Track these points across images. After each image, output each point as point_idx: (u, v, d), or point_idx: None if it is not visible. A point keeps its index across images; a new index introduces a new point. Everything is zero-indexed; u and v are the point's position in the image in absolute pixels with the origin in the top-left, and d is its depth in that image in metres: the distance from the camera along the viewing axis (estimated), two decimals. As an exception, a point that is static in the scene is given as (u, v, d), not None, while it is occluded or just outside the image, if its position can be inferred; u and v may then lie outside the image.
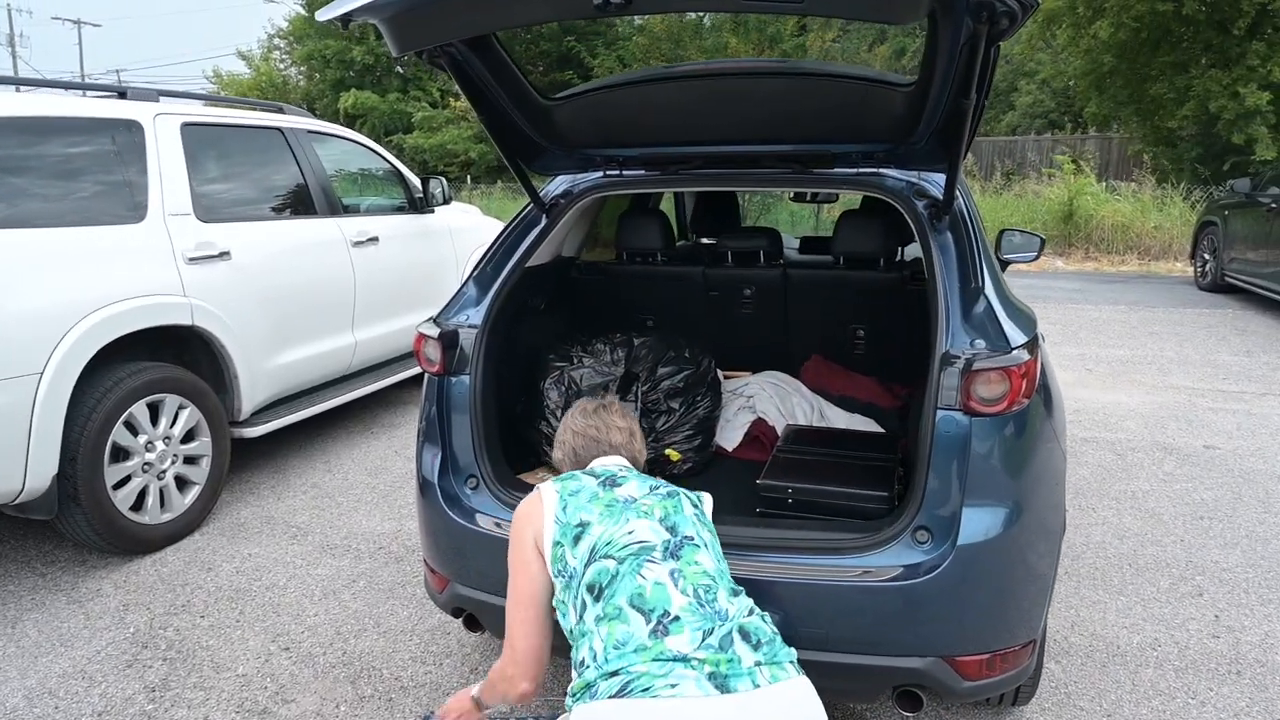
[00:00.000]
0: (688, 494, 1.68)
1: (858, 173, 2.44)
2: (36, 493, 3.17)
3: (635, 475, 1.68)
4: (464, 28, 1.77)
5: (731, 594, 1.42)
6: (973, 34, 1.69)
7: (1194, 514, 3.95)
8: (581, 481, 1.61)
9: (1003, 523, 1.96)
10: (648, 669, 1.28)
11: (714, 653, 1.31)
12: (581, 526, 1.49)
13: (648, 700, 1.24)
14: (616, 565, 1.41)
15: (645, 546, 1.42)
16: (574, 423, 1.88)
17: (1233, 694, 2.65)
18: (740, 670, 1.30)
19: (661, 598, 1.36)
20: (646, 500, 1.53)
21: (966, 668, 2.00)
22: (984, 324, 2.03)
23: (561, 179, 2.76)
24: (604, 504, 1.52)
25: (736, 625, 1.35)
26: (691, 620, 1.34)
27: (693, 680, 1.26)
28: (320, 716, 2.58)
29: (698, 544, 1.45)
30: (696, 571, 1.39)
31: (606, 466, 1.74)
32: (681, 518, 1.52)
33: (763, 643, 1.36)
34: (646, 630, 1.32)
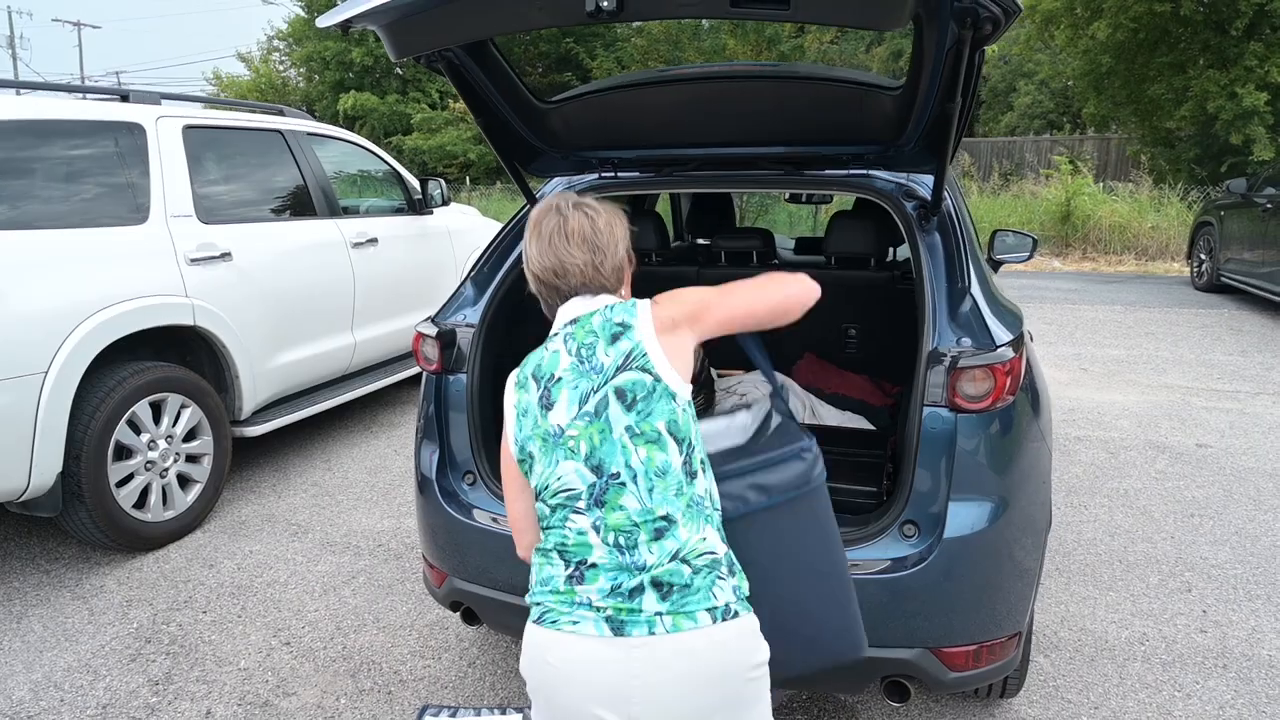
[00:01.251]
0: (620, 388, 1.44)
1: (848, 174, 2.49)
2: (41, 490, 3.22)
3: (568, 379, 1.47)
4: (461, 34, 1.82)
5: (653, 535, 1.39)
6: (957, 39, 1.74)
7: (1185, 511, 4.00)
8: (529, 394, 1.51)
9: (988, 517, 2.00)
10: (556, 605, 1.40)
11: (619, 601, 1.36)
12: (530, 458, 1.49)
13: (551, 631, 1.39)
14: (550, 513, 1.46)
15: (572, 495, 1.43)
16: (532, 252, 1.59)
17: (1219, 687, 2.70)
18: (639, 619, 1.35)
19: (582, 547, 1.41)
20: (573, 430, 1.44)
21: (953, 659, 2.04)
22: (970, 322, 2.07)
23: (558, 181, 2.80)
24: (541, 436, 1.46)
25: (650, 577, 1.37)
26: (607, 570, 1.39)
27: (591, 621, 1.36)
28: (320, 709, 2.62)
29: (623, 482, 1.40)
30: (619, 518, 1.40)
31: (557, 336, 1.55)
32: (609, 446, 1.42)
33: (675, 590, 1.37)
34: (564, 575, 1.41)
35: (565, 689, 1.38)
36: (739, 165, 2.60)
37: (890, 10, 1.56)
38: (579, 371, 1.47)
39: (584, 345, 1.49)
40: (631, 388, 1.44)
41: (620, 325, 1.49)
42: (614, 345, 1.47)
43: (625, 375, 1.45)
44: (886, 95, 2.21)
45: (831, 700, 2.63)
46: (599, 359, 1.47)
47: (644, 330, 1.48)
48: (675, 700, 1.35)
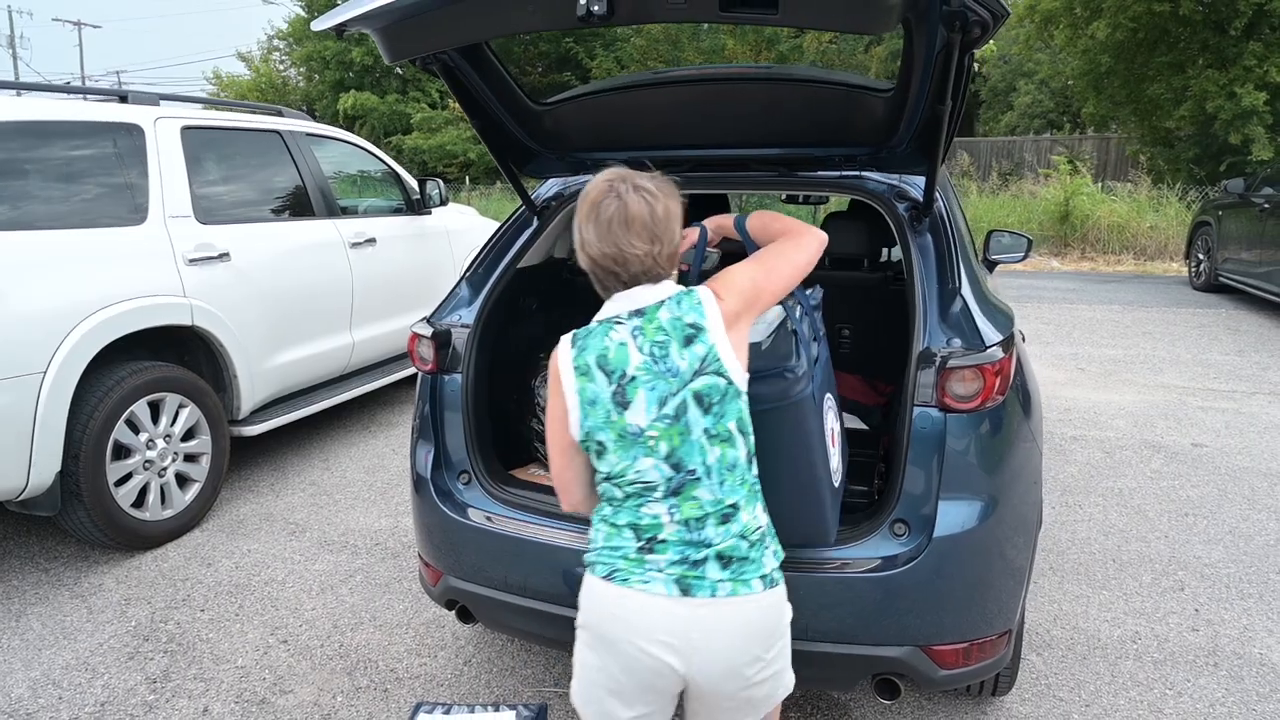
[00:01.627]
0: (698, 392, 1.52)
1: (841, 176, 2.50)
2: (40, 489, 3.23)
3: (643, 379, 1.51)
4: (454, 37, 1.84)
5: (720, 521, 1.53)
6: (946, 42, 1.76)
7: (1179, 511, 4.01)
8: (596, 386, 1.53)
9: (978, 516, 2.02)
10: (627, 568, 1.54)
11: (686, 569, 1.51)
12: (601, 445, 1.56)
13: (623, 588, 1.52)
14: (624, 498, 1.56)
15: (649, 487, 1.54)
16: (589, 236, 1.58)
17: (1209, 685, 2.71)
18: (704, 583, 1.51)
19: (655, 526, 1.54)
20: (653, 431, 1.51)
21: (943, 657, 2.06)
22: (960, 323, 2.09)
23: (553, 182, 2.82)
24: (617, 432, 1.53)
25: (715, 551, 1.52)
26: (676, 545, 1.53)
27: (661, 581, 1.51)
28: (317, 707, 2.64)
29: (698, 477, 1.52)
30: (692, 507, 1.53)
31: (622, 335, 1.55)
32: (688, 447, 1.52)
33: (735, 561, 1.53)
34: (635, 547, 1.54)
35: (635, 638, 1.52)
36: (733, 167, 2.62)
37: (877, 14, 1.57)
38: (654, 372, 1.52)
39: (656, 344, 1.53)
40: (708, 392, 1.52)
41: (692, 328, 1.53)
42: (688, 349, 1.52)
43: (702, 380, 1.52)
44: (878, 97, 2.22)
45: (825, 699, 2.65)
46: (674, 362, 1.52)
47: (715, 332, 1.54)
48: (727, 651, 1.52)
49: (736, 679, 1.55)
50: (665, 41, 16.94)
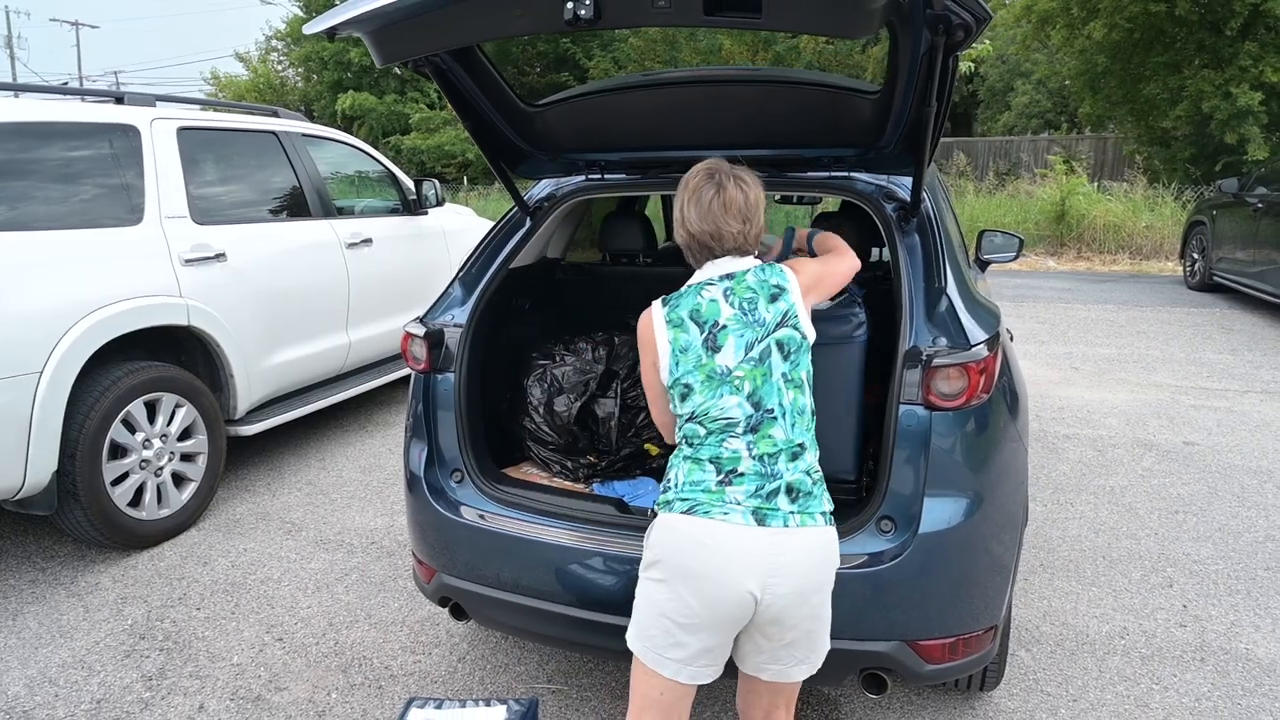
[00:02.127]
0: (787, 341, 1.77)
1: (830, 176, 2.53)
2: (36, 489, 3.26)
3: (735, 327, 1.76)
4: (444, 41, 1.86)
5: (790, 458, 1.73)
6: (931, 45, 1.78)
7: (1169, 508, 4.04)
8: (689, 335, 1.77)
9: (963, 512, 2.04)
10: (707, 500, 1.70)
11: (760, 501, 1.69)
12: (687, 388, 1.77)
13: (705, 520, 1.68)
14: (707, 434, 1.75)
15: (731, 423, 1.73)
16: (690, 215, 1.85)
17: (1196, 680, 2.74)
18: (776, 514, 1.69)
19: (734, 460, 1.72)
20: (739, 371, 1.74)
21: (930, 651, 2.08)
22: (945, 322, 2.11)
23: (545, 182, 2.84)
24: (705, 373, 1.75)
25: (785, 484, 1.71)
26: (752, 478, 1.71)
27: (739, 513, 1.68)
28: (312, 704, 2.67)
29: (778, 417, 1.73)
30: (768, 443, 1.72)
31: (720, 282, 1.82)
32: (769, 387, 1.74)
33: (801, 496, 1.72)
34: (716, 479, 1.72)
35: (717, 565, 1.66)
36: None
37: (859, 19, 1.60)
38: (743, 322, 1.77)
39: (745, 300, 1.78)
40: (788, 341, 1.78)
41: (777, 288, 1.81)
42: (773, 304, 1.79)
43: (783, 330, 1.78)
44: (865, 99, 2.25)
45: (815, 695, 2.67)
46: (761, 313, 1.78)
47: (795, 294, 1.82)
48: (798, 576, 1.68)
49: (804, 605, 1.70)
50: (663, 42, 16.96)
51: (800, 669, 1.78)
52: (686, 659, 1.71)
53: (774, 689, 1.83)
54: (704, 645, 1.70)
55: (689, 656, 1.71)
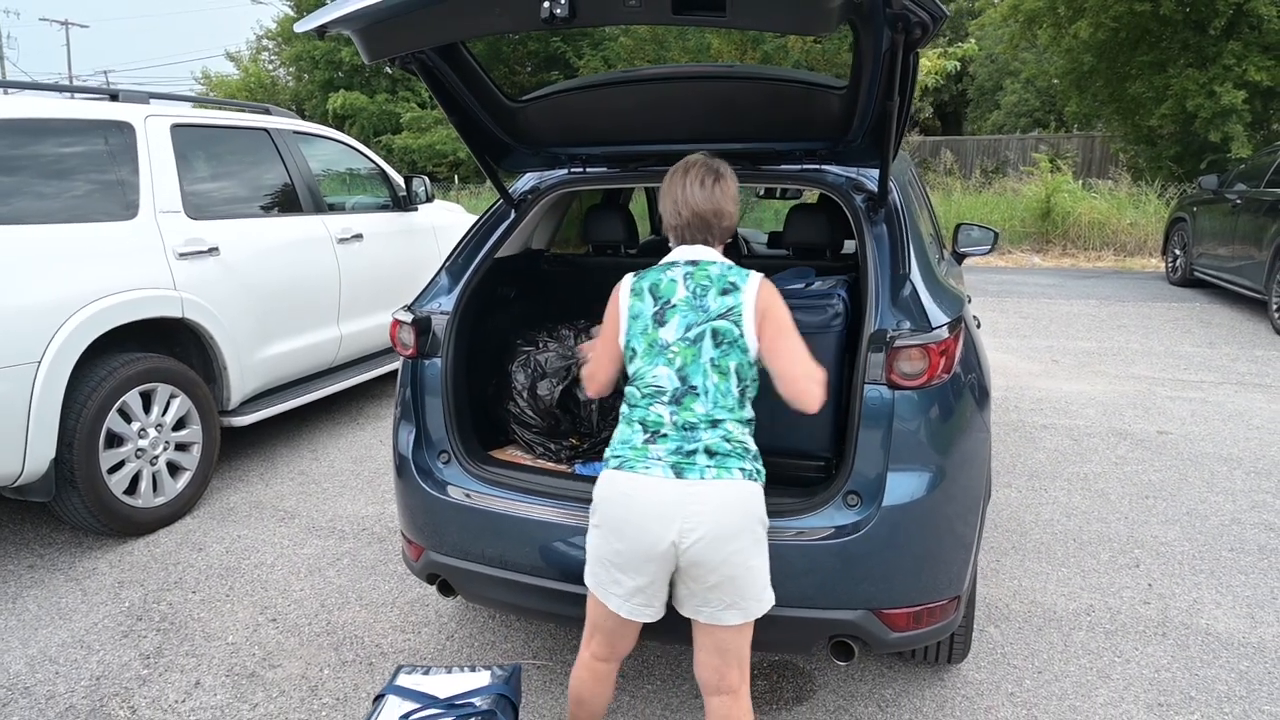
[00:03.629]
0: (721, 330, 1.92)
1: (802, 169, 2.63)
2: (35, 476, 3.34)
3: (681, 309, 1.95)
4: (428, 38, 1.96)
5: (710, 426, 1.91)
6: (892, 42, 1.88)
7: (1140, 494, 4.16)
8: (644, 305, 1.98)
9: (925, 486, 2.15)
10: (634, 456, 1.91)
11: (680, 458, 1.88)
12: (633, 352, 1.99)
13: (631, 474, 1.89)
14: (640, 398, 1.96)
15: (659, 390, 1.94)
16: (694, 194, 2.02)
17: (1156, 653, 2.85)
18: (694, 469, 1.87)
19: (658, 423, 1.92)
20: (675, 347, 1.94)
21: (895, 620, 2.19)
22: (909, 305, 2.22)
23: (529, 176, 2.94)
24: (648, 342, 1.97)
25: (704, 445, 1.89)
26: (673, 439, 1.90)
27: (660, 468, 1.88)
28: (305, 679, 2.76)
29: (699, 394, 1.92)
30: (689, 414, 1.91)
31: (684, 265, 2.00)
32: (696, 366, 1.92)
33: (719, 455, 1.89)
34: (642, 438, 1.93)
35: (637, 512, 1.87)
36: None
37: (818, 17, 1.69)
38: (691, 305, 1.95)
39: (700, 287, 1.96)
40: (725, 332, 1.93)
41: (732, 285, 1.95)
42: (722, 297, 1.94)
43: (723, 321, 1.93)
44: (833, 94, 2.35)
45: (791, 667, 2.78)
46: (708, 302, 1.94)
47: (747, 296, 1.94)
48: (710, 522, 1.83)
49: (720, 549, 1.84)
50: (652, 41, 17.07)
51: (730, 614, 1.90)
52: (624, 595, 1.93)
53: (717, 643, 1.94)
54: (636, 584, 1.91)
55: (626, 593, 1.93)
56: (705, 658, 1.97)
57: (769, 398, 2.47)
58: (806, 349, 1.95)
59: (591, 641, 2.05)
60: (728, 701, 1.96)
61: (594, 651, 2.05)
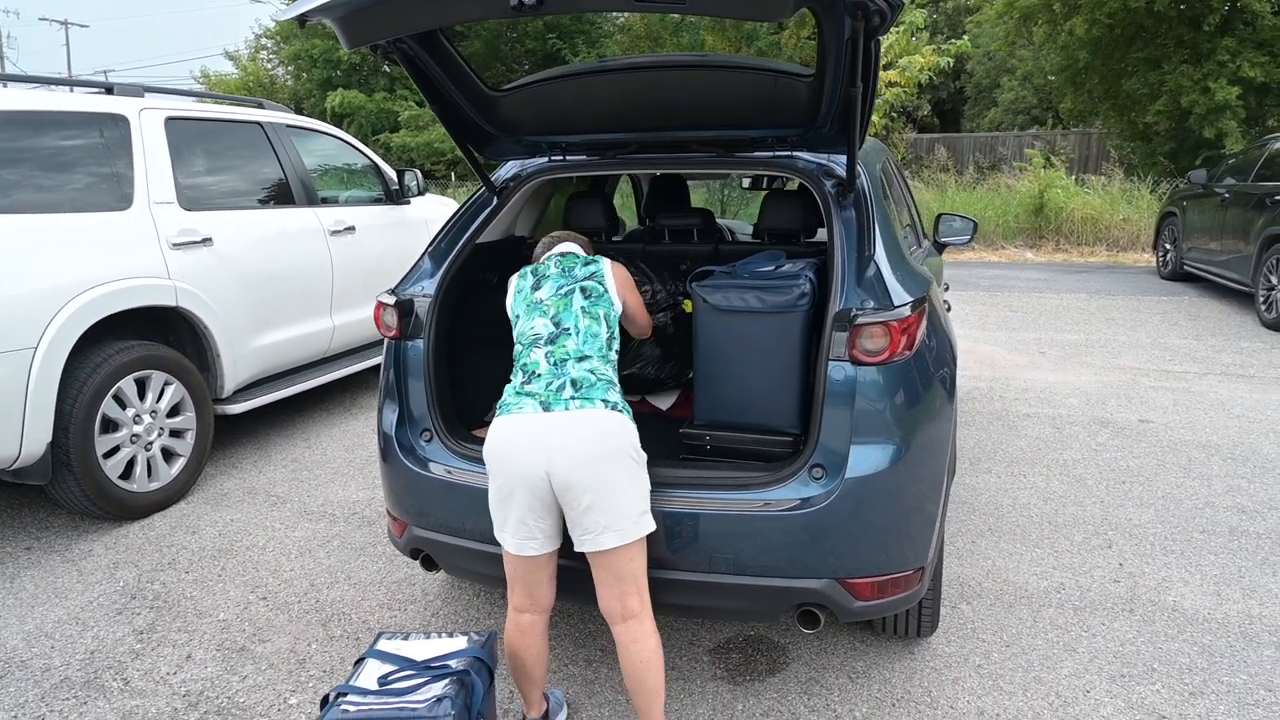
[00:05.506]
0: (587, 287, 2.32)
1: (773, 156, 2.71)
2: (32, 459, 3.42)
3: (555, 277, 2.34)
4: (403, 26, 2.03)
5: (578, 360, 2.19)
6: (853, 30, 1.96)
7: (1117, 479, 4.23)
8: (527, 281, 2.37)
9: (888, 459, 2.22)
10: (510, 400, 2.16)
11: (550, 393, 2.12)
12: (516, 318, 2.34)
13: (506, 416, 2.12)
14: (522, 349, 2.27)
15: (537, 337, 2.25)
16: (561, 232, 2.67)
17: (1123, 628, 2.93)
18: (560, 401, 2.10)
19: (535, 365, 2.20)
20: (548, 302, 2.29)
21: (859, 590, 2.26)
22: (873, 285, 2.30)
23: (511, 164, 3.02)
24: (526, 304, 2.32)
25: (569, 378, 2.15)
26: (545, 376, 2.17)
27: (530, 405, 2.11)
28: (293, 653, 2.84)
29: (571, 332, 2.23)
30: (561, 351, 2.21)
31: (558, 255, 2.45)
32: (568, 314, 2.26)
33: (583, 387, 2.14)
34: (520, 381, 2.19)
35: (511, 446, 2.08)
36: (675, 148, 2.81)
37: (775, 3, 1.77)
38: (560, 276, 2.35)
39: (568, 265, 2.38)
40: (591, 288, 2.33)
41: (593, 261, 2.41)
42: (585, 267, 2.37)
43: (588, 282, 2.33)
44: (802, 82, 2.42)
45: (765, 641, 2.86)
46: (575, 272, 2.36)
47: (605, 267, 2.40)
48: (575, 448, 2.03)
49: (586, 472, 2.02)
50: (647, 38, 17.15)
51: (608, 536, 2.06)
52: (511, 530, 2.12)
53: (612, 571, 2.11)
54: (518, 516, 2.10)
55: (512, 528, 2.12)
56: (604, 590, 2.13)
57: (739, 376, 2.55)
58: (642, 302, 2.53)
59: (513, 594, 2.22)
60: (632, 626, 2.12)
61: (516, 604, 2.22)
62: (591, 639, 2.87)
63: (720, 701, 2.56)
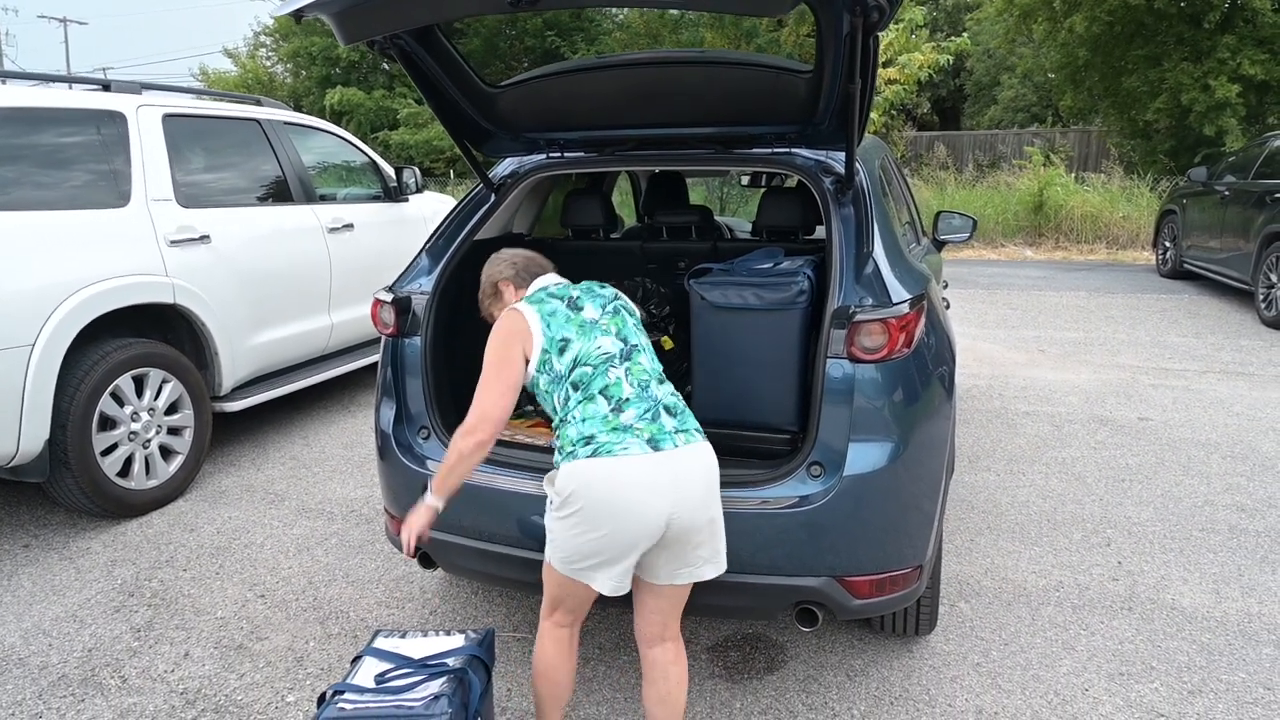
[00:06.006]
0: (625, 306, 2.19)
1: (772, 152, 2.70)
2: (30, 456, 3.41)
3: (587, 296, 2.13)
4: (400, 21, 2.03)
5: (659, 382, 2.06)
6: (851, 26, 1.95)
7: (1116, 477, 4.23)
8: (553, 304, 2.09)
9: (886, 457, 2.22)
10: (609, 438, 1.91)
11: (648, 424, 1.95)
12: (565, 341, 2.04)
13: (610, 459, 1.88)
14: (592, 370, 2.02)
15: (609, 356, 2.03)
16: (517, 254, 2.35)
17: (1121, 626, 2.93)
18: (666, 435, 1.94)
19: (619, 389, 1.99)
20: (604, 321, 2.09)
21: (858, 587, 2.26)
22: (871, 282, 2.29)
23: (509, 161, 3.01)
24: (577, 325, 2.06)
25: (662, 404, 2.00)
26: (636, 403, 1.98)
27: (637, 444, 1.91)
28: (291, 651, 2.83)
29: (640, 349, 2.09)
30: (639, 370, 2.04)
31: (554, 285, 2.22)
32: (629, 330, 2.11)
33: (677, 414, 2.01)
34: (608, 409, 1.96)
35: (625, 497, 1.87)
36: (673, 145, 2.81)
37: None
38: (590, 293, 2.15)
39: (588, 286, 2.18)
40: (628, 308, 2.19)
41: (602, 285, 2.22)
42: (602, 289, 2.19)
43: (619, 302, 2.18)
44: (800, 78, 2.42)
45: (763, 639, 2.85)
46: (603, 292, 2.18)
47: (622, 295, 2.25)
48: (698, 490, 1.93)
49: (705, 512, 1.94)
50: (646, 35, 17.13)
51: (709, 568, 2.00)
52: (616, 576, 1.93)
53: (678, 599, 2.04)
54: (625, 566, 1.92)
55: (615, 576, 1.92)
56: (655, 615, 2.05)
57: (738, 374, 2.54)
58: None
59: (555, 613, 2.07)
60: (670, 648, 2.07)
61: (558, 620, 2.07)
62: (589, 636, 2.86)
63: (718, 699, 2.56)
